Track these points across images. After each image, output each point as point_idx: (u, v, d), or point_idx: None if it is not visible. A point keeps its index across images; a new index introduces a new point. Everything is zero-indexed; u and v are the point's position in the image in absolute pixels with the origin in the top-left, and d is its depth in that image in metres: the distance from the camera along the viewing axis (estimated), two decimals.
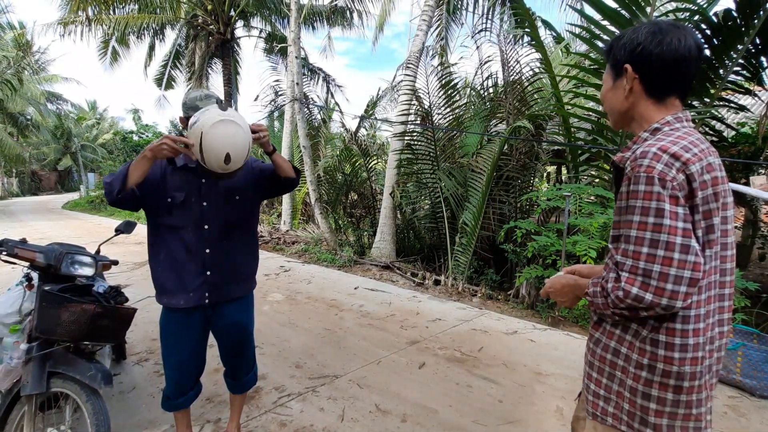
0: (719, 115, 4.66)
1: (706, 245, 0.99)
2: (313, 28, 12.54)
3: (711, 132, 4.70)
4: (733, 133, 5.18)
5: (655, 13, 4.09)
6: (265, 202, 13.75)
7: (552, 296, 1.28)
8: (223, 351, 2.05)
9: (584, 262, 3.68)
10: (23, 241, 1.92)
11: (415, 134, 6.69)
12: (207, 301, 1.85)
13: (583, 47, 6.51)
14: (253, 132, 1.67)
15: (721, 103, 4.44)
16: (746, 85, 4.31)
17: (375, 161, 8.89)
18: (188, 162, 1.82)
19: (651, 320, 1.01)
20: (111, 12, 10.98)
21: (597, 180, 5.53)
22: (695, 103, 4.43)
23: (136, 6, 11.42)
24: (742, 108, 4.42)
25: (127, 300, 2.13)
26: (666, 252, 0.94)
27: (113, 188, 1.63)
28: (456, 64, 6.45)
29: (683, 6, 4.15)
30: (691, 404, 1.01)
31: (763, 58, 4.03)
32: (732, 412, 2.64)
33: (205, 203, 1.82)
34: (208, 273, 1.84)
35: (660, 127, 1.06)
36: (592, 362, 1.15)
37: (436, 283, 5.65)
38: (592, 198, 4.83)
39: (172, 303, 1.83)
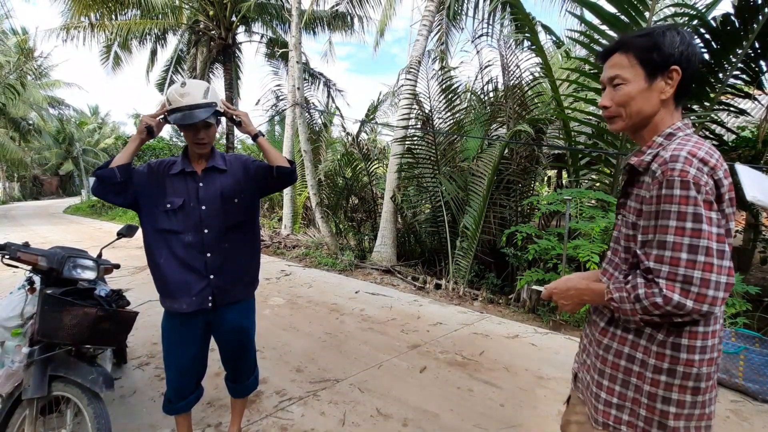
0: (719, 119, 4.67)
1: None
2: (314, 33, 12.60)
3: (711, 136, 4.71)
4: (734, 137, 5.19)
5: (654, 18, 4.11)
6: (265, 206, 13.79)
7: (555, 297, 1.24)
8: (224, 355, 2.05)
9: (587, 267, 3.68)
10: (26, 245, 1.92)
11: (415, 138, 6.71)
12: (210, 304, 1.85)
13: (583, 52, 6.55)
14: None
15: (721, 107, 4.46)
16: (746, 89, 4.32)
17: (376, 165, 8.90)
18: (185, 167, 1.86)
19: (670, 324, 1.00)
20: (114, 18, 11.06)
21: (597, 184, 5.54)
22: (695, 107, 4.45)
23: (138, 12, 11.49)
24: (742, 112, 4.43)
25: (128, 304, 2.13)
26: (706, 258, 0.92)
27: (105, 167, 1.73)
28: (457, 68, 6.48)
29: (682, 11, 4.18)
30: (706, 404, 1.02)
31: (762, 62, 4.04)
32: (734, 416, 2.63)
33: (203, 207, 1.84)
34: (212, 277, 1.84)
35: (674, 132, 1.06)
36: (603, 370, 1.11)
37: (437, 287, 5.64)
38: (593, 202, 4.83)
39: (174, 307, 1.83)
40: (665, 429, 1.02)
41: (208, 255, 1.84)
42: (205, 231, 1.84)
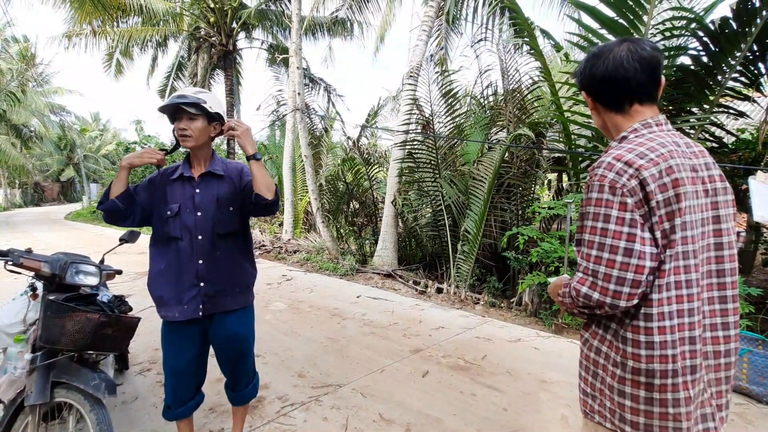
0: (719, 122, 4.68)
1: (668, 246, 1.01)
2: (315, 38, 12.67)
3: (711, 138, 4.72)
4: (733, 139, 5.20)
5: (652, 22, 4.13)
6: None
7: (551, 296, 1.32)
8: (222, 362, 2.03)
9: None
10: (29, 251, 1.93)
11: (416, 143, 6.73)
12: (201, 313, 1.84)
13: (581, 55, 6.57)
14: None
15: (720, 109, 4.46)
16: (745, 91, 4.33)
17: (377, 170, 8.92)
18: (184, 171, 1.88)
19: (620, 318, 1.07)
20: (115, 25, 11.15)
21: None
22: (695, 109, 4.45)
23: (140, 19, 11.57)
24: (741, 114, 4.44)
25: (131, 309, 2.13)
26: (610, 255, 1.01)
27: (99, 200, 1.81)
28: (458, 72, 6.50)
29: (680, 14, 4.20)
30: (666, 403, 1.01)
31: (761, 65, 4.05)
32: (739, 419, 2.61)
33: (199, 213, 1.84)
34: (202, 284, 1.83)
35: (627, 135, 1.12)
36: (581, 361, 1.19)
37: (439, 291, 5.63)
38: None
39: (168, 316, 1.84)
40: (625, 422, 1.06)
41: (200, 262, 1.83)
42: (199, 237, 1.83)
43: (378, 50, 11.73)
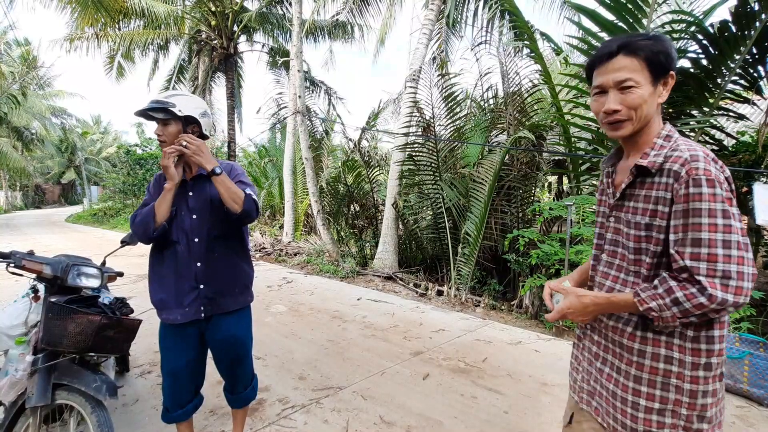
0: (718, 125, 4.69)
1: None
2: (315, 41, 12.71)
3: (711, 141, 4.73)
4: (733, 141, 5.20)
5: (652, 25, 4.15)
6: (267, 213, 13.81)
7: (572, 317, 1.16)
8: (219, 365, 2.03)
9: None
10: (31, 253, 1.93)
11: (416, 145, 6.74)
12: (203, 315, 1.85)
13: (581, 58, 6.59)
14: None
15: (720, 112, 4.47)
16: (745, 94, 4.34)
17: (377, 172, 8.94)
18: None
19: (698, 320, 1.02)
20: (117, 28, 11.19)
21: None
22: (695, 112, 4.46)
23: (141, 22, 11.62)
24: (741, 117, 4.45)
25: (132, 311, 2.13)
26: (738, 251, 0.95)
27: (148, 229, 1.76)
28: (459, 74, 6.52)
29: (680, 17, 4.22)
30: (722, 387, 1.07)
31: (760, 68, 4.07)
32: (740, 422, 2.61)
33: (194, 216, 1.85)
34: (201, 287, 1.84)
35: (670, 134, 1.09)
36: (640, 376, 1.07)
37: (439, 293, 5.63)
38: (593, 208, 4.83)
39: (170, 319, 1.84)
40: (703, 420, 1.03)
41: (198, 264, 1.84)
42: (195, 240, 1.84)
43: (378, 53, 11.79)
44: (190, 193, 1.87)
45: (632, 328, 1.09)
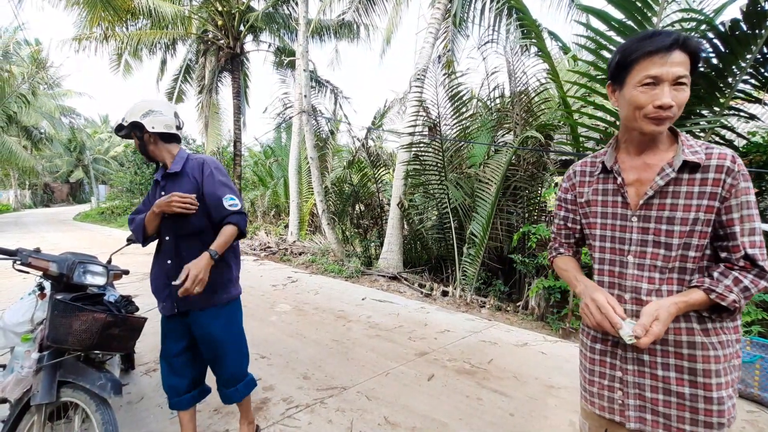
0: (729, 125, 4.62)
1: None
2: (321, 41, 12.72)
3: (722, 141, 4.66)
4: (744, 142, 5.13)
5: (661, 24, 4.10)
6: (272, 213, 13.85)
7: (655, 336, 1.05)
8: (204, 358, 2.06)
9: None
10: (37, 251, 1.94)
11: (422, 145, 6.72)
12: (176, 310, 1.93)
13: (590, 57, 6.53)
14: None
15: (731, 112, 4.41)
16: (756, 94, 4.27)
17: (383, 172, 8.93)
18: (157, 176, 2.00)
19: None
20: (124, 28, 11.26)
21: None
22: (705, 112, 4.40)
23: (149, 22, 11.69)
24: (752, 117, 4.38)
25: (137, 309, 2.13)
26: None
27: (140, 237, 1.94)
28: (465, 74, 6.49)
29: (689, 16, 4.16)
30: None
31: None
32: (750, 427, 2.56)
33: (165, 215, 1.85)
34: (173, 283, 1.79)
35: (686, 133, 1.20)
36: (719, 369, 1.07)
37: (444, 294, 5.60)
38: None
39: (159, 310, 2.01)
40: (734, 394, 1.11)
41: (168, 262, 1.91)
42: (166, 238, 1.91)
43: (384, 52, 11.74)
44: (162, 192, 1.92)
45: (697, 323, 1.10)
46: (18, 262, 1.86)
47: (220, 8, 11.70)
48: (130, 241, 2.48)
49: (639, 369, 1.15)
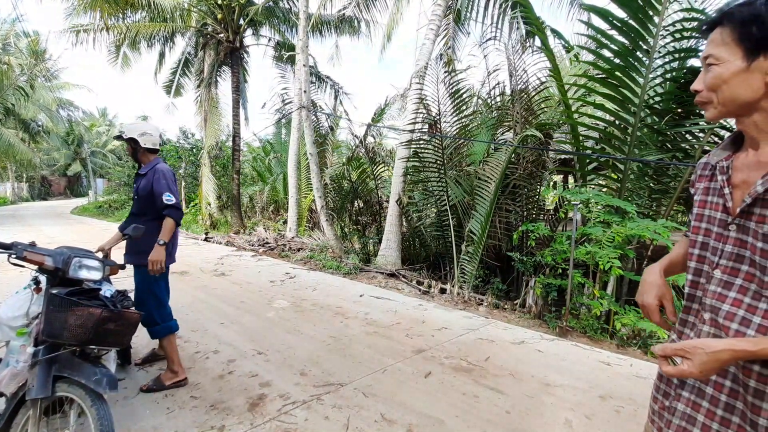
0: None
1: None
2: (321, 36, 12.65)
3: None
4: None
5: (663, 23, 4.08)
6: (271, 208, 13.82)
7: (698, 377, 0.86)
8: None
9: (608, 272, 3.67)
10: (32, 245, 1.92)
11: (422, 142, 6.70)
12: (124, 263, 2.53)
13: (590, 56, 6.51)
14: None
15: None
16: None
17: (382, 169, 8.91)
18: (139, 170, 2.89)
19: None
20: (123, 19, 11.18)
21: (605, 189, 5.49)
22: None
23: (147, 14, 11.60)
24: None
25: (133, 304, 2.12)
26: None
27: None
28: (466, 70, 6.45)
29: (691, 16, 4.15)
30: None
31: None
32: None
33: (135, 197, 2.88)
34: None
35: None
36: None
37: (442, 291, 5.61)
38: (599, 207, 4.79)
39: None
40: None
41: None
42: (134, 215, 2.89)
43: (385, 49, 11.69)
44: (135, 185, 2.89)
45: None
46: (13, 256, 1.84)
47: (219, 1, 11.62)
48: (126, 236, 2.48)
49: (696, 400, 0.96)
